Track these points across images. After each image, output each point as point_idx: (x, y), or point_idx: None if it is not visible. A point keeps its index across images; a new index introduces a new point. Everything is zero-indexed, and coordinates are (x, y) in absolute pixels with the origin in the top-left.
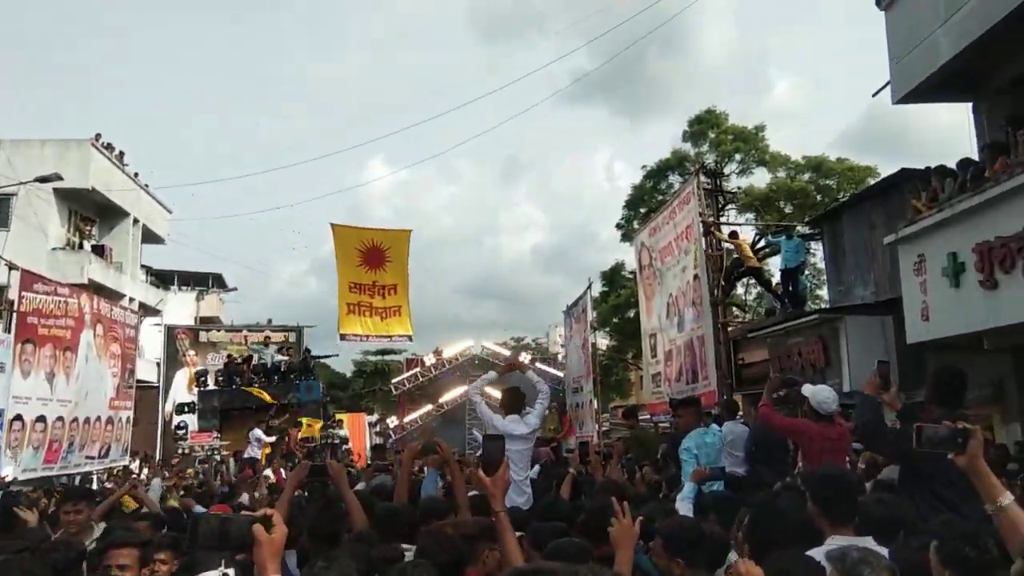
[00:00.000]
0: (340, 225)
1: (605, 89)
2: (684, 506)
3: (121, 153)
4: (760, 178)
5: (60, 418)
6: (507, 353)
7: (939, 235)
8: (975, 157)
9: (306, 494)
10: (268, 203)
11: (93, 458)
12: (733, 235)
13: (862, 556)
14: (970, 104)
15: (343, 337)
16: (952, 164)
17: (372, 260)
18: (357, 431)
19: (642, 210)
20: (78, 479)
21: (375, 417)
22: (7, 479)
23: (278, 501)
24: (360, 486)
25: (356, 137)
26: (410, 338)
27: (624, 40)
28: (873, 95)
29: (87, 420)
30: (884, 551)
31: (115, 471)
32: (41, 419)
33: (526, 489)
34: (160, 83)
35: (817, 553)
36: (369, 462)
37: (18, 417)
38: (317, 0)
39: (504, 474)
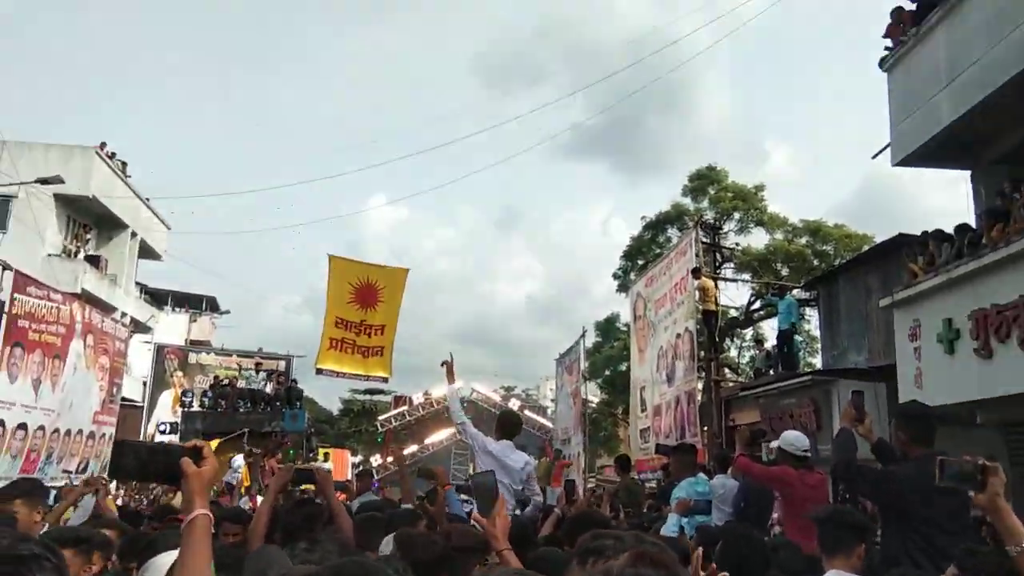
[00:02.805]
0: (337, 257)
1: (604, 146)
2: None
3: (124, 164)
4: (758, 239)
5: (41, 427)
6: (498, 399)
7: (935, 300)
8: (973, 224)
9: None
10: (266, 226)
11: (71, 472)
12: (696, 273)
13: None
14: (968, 172)
15: (319, 371)
16: (950, 230)
17: (365, 298)
18: (340, 467)
19: (639, 261)
20: (53, 493)
21: (359, 458)
22: None
23: (259, 506)
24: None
25: (358, 169)
26: (386, 379)
27: (622, 97)
28: (872, 157)
29: (68, 432)
30: None
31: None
32: (22, 426)
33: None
34: (164, 101)
35: None
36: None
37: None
38: (317, 33)
39: (502, 511)
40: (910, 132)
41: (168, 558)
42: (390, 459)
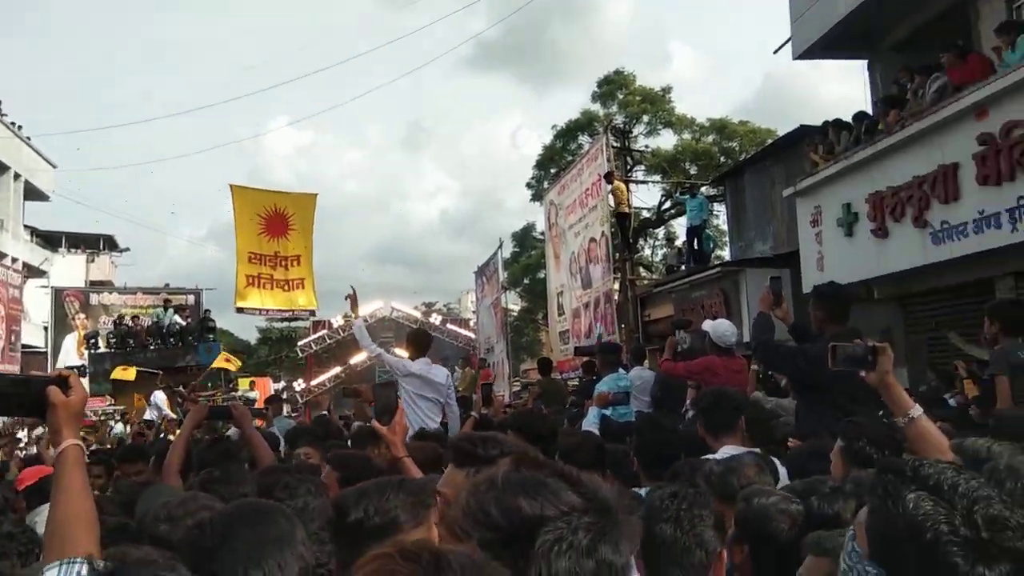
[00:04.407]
0: (240, 187)
1: (509, 57)
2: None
3: None
4: (667, 140)
5: None
6: (419, 316)
7: (835, 186)
8: (870, 112)
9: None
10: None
11: None
12: (608, 177)
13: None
14: (865, 61)
15: (240, 311)
16: (848, 120)
17: (274, 227)
18: (265, 394)
19: (552, 170)
20: None
21: (281, 384)
22: None
23: (173, 443)
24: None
25: (255, 93)
26: (313, 312)
27: (524, 8)
28: (774, 52)
29: None
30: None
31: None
32: None
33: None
34: (47, 34)
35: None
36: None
37: None
38: None
39: (401, 420)
40: (809, 24)
41: None
42: (314, 382)
